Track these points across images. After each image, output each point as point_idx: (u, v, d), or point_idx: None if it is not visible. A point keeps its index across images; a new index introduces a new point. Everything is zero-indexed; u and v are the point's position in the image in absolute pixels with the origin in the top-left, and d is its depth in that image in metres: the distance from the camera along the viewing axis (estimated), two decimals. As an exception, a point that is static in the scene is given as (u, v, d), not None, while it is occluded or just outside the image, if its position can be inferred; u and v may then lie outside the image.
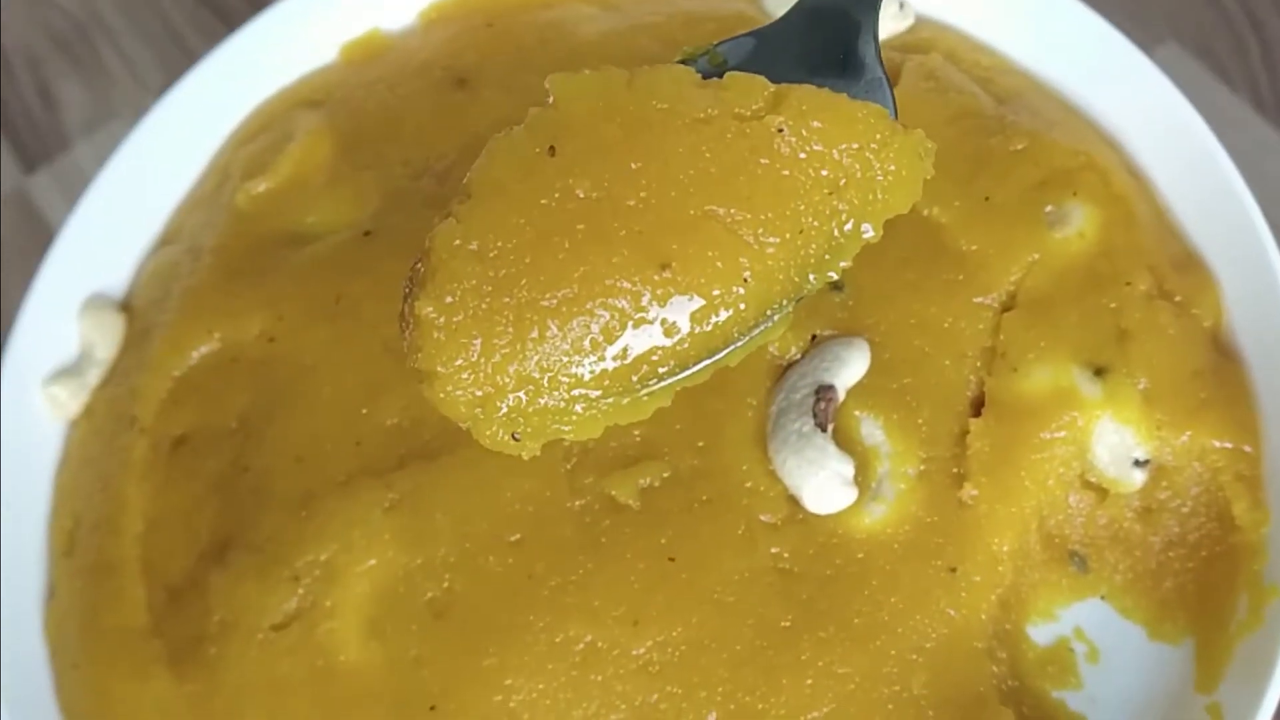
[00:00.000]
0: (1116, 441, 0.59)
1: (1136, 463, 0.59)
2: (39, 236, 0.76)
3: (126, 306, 0.69)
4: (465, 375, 0.45)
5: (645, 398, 0.47)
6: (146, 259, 0.71)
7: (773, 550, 0.58)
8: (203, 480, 0.62)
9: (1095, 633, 0.59)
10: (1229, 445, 0.59)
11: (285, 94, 0.74)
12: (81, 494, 0.65)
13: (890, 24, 0.70)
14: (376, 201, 0.67)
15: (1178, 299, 0.62)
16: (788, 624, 0.56)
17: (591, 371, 0.45)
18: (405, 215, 0.66)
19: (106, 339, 0.68)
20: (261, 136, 0.72)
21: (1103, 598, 0.60)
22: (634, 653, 0.56)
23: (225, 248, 0.68)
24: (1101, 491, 0.60)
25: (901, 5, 0.70)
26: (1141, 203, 0.64)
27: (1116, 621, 0.59)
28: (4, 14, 0.84)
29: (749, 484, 0.59)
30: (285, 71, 0.74)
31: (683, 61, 0.49)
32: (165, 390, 0.65)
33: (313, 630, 0.58)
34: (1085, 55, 0.67)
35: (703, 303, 0.46)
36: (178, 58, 0.84)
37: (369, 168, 0.69)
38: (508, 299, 0.45)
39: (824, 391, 0.59)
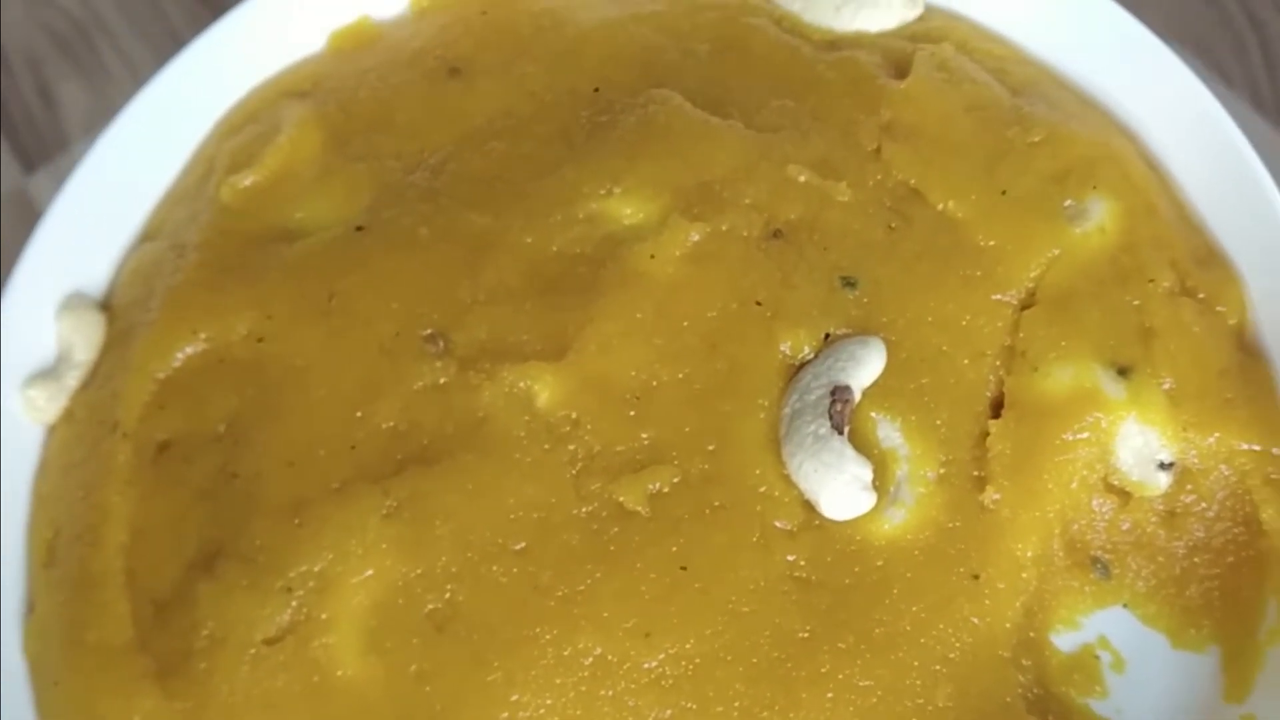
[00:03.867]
0: (1141, 444, 0.57)
1: (1161, 465, 0.57)
2: None
3: (107, 306, 0.67)
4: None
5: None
6: (127, 256, 0.68)
7: (789, 558, 0.56)
8: (189, 487, 0.60)
9: (1120, 641, 0.58)
10: (1257, 447, 0.57)
11: (272, 84, 0.71)
12: (62, 503, 0.62)
13: (900, 12, 0.68)
14: (369, 195, 0.65)
15: (1201, 295, 0.60)
16: (806, 635, 0.54)
17: None
18: (399, 210, 0.64)
19: (86, 340, 0.65)
20: (247, 128, 0.69)
21: (1125, 605, 0.58)
22: (646, 666, 0.54)
23: (210, 244, 0.65)
24: (1125, 495, 0.58)
25: (911, -7, 0.68)
26: (1162, 195, 0.63)
27: (1140, 630, 0.58)
28: (4, 14, 0.83)
29: (762, 489, 0.56)
30: (272, 61, 0.71)
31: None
32: (149, 393, 0.62)
33: (307, 644, 0.55)
34: (1101, 44, 0.65)
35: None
36: None
37: (360, 160, 0.66)
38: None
39: (840, 392, 0.57)
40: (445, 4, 0.72)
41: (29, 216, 0.64)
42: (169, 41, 0.83)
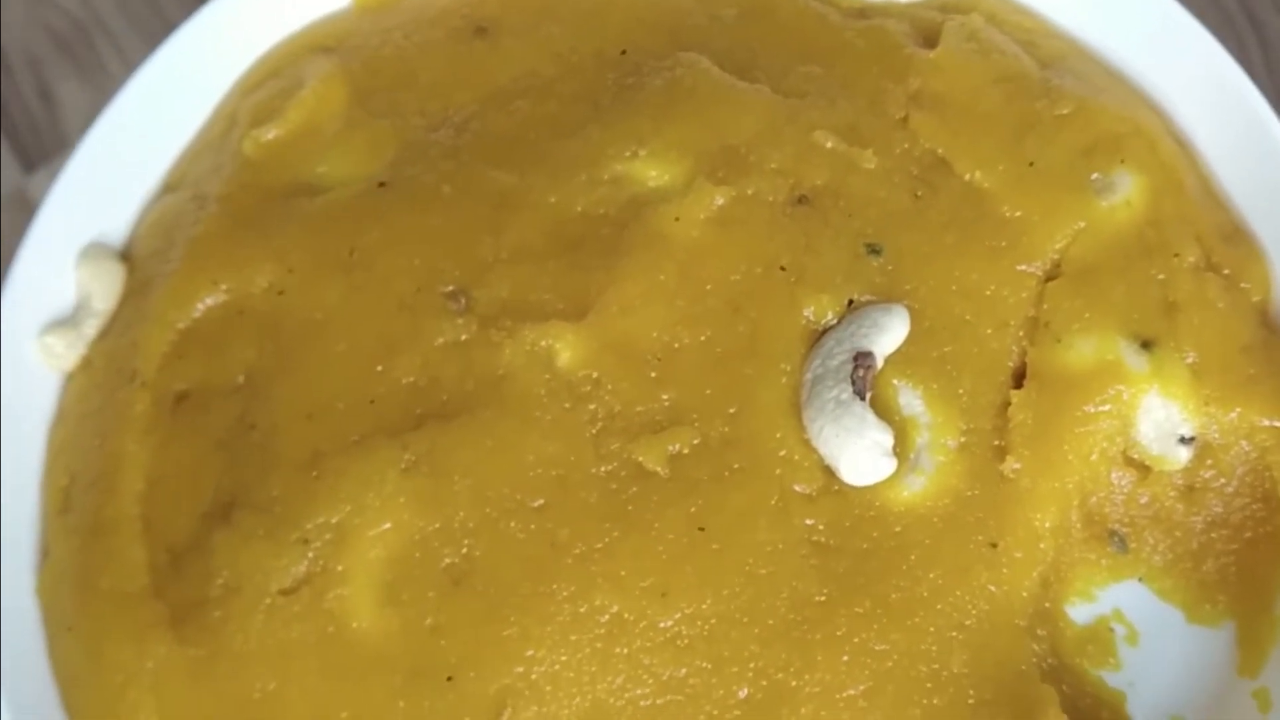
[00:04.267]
0: (1162, 417, 0.57)
1: (1182, 440, 0.57)
2: None
3: (127, 255, 0.66)
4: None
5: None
6: (149, 206, 0.68)
7: (807, 522, 0.55)
8: (207, 438, 0.60)
9: (1134, 615, 0.58)
10: (1278, 424, 0.57)
11: (295, 40, 0.70)
12: (78, 450, 0.62)
13: (929, -18, 0.68)
14: (392, 152, 0.65)
15: (1226, 272, 0.60)
16: (823, 598, 0.54)
17: None
18: (422, 167, 0.63)
19: (106, 288, 0.65)
20: (270, 83, 0.69)
21: (1140, 579, 0.58)
22: (661, 625, 0.54)
23: (232, 196, 0.65)
24: (1144, 469, 0.58)
25: (940, -37, 0.68)
26: (1189, 171, 0.62)
27: (1155, 604, 0.58)
28: (4, 14, 0.82)
29: (782, 453, 0.56)
30: (295, 17, 0.71)
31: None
32: (168, 343, 0.62)
33: (323, 595, 0.55)
34: (1130, 18, 0.65)
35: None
36: None
37: (384, 117, 0.66)
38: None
39: (862, 358, 0.56)
40: (472, -38, 0.71)
41: (29, 216, 0.64)
42: None
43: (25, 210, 0.65)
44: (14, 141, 0.81)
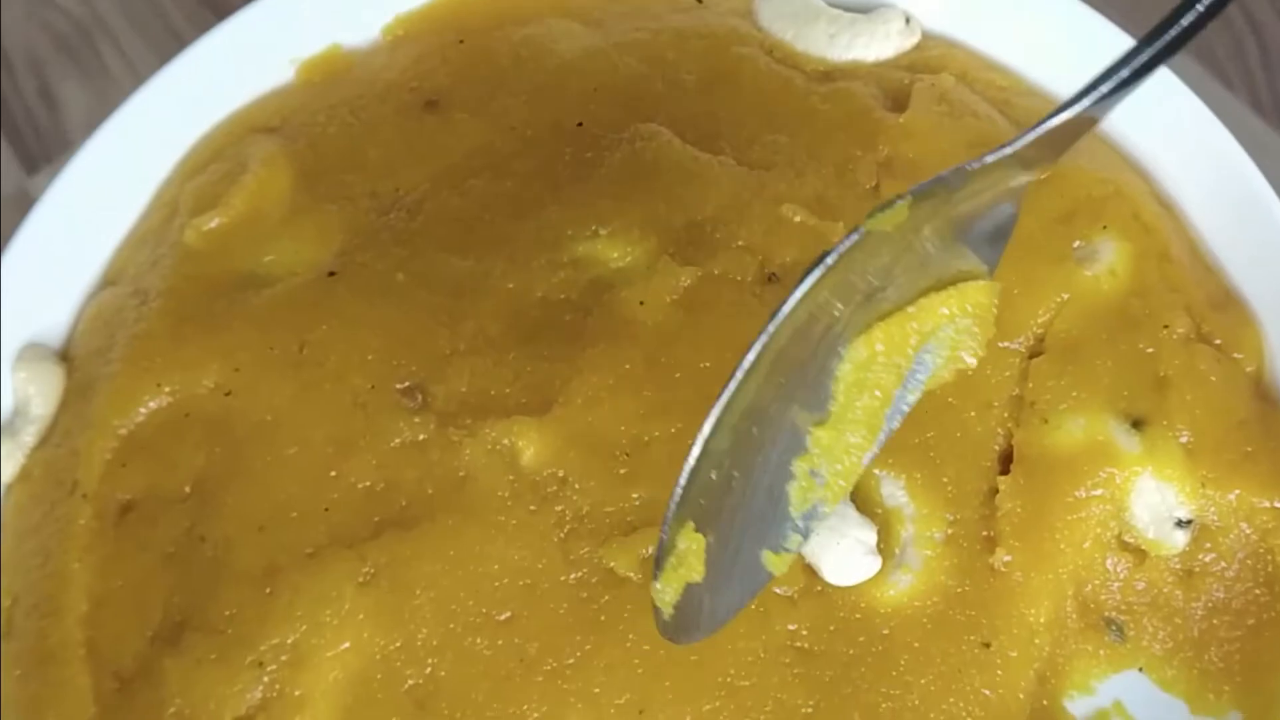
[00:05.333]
0: (1157, 500, 0.55)
1: (1179, 523, 0.55)
2: None
3: (66, 356, 0.63)
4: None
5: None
6: (87, 302, 0.64)
7: (790, 627, 0.53)
8: (154, 552, 0.56)
9: (1136, 707, 0.55)
10: (1279, 505, 0.55)
11: (237, 118, 0.67)
12: (19, 569, 0.59)
13: (896, 40, 0.65)
14: (341, 238, 0.62)
15: (1218, 341, 0.58)
16: (809, 710, 0.52)
17: None
18: (373, 254, 0.61)
19: (44, 393, 0.61)
20: (212, 166, 0.65)
21: (1141, 669, 0.55)
22: (640, 744, 0.51)
23: (175, 290, 0.62)
24: (1140, 554, 0.55)
25: (908, 21, 0.65)
26: (1176, 236, 0.60)
27: (1157, 695, 0.55)
28: (4, 14, 0.82)
29: (760, 552, 0.54)
30: (237, 93, 0.67)
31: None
32: (110, 450, 0.59)
33: (281, 723, 0.52)
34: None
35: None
36: None
37: (332, 200, 0.63)
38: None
39: (841, 450, 0.54)
40: (420, 32, 0.68)
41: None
42: (170, 41, 0.83)
43: (26, 210, 0.63)
44: (15, 142, 0.81)
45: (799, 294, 0.43)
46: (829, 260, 0.43)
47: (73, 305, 0.65)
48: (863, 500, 0.54)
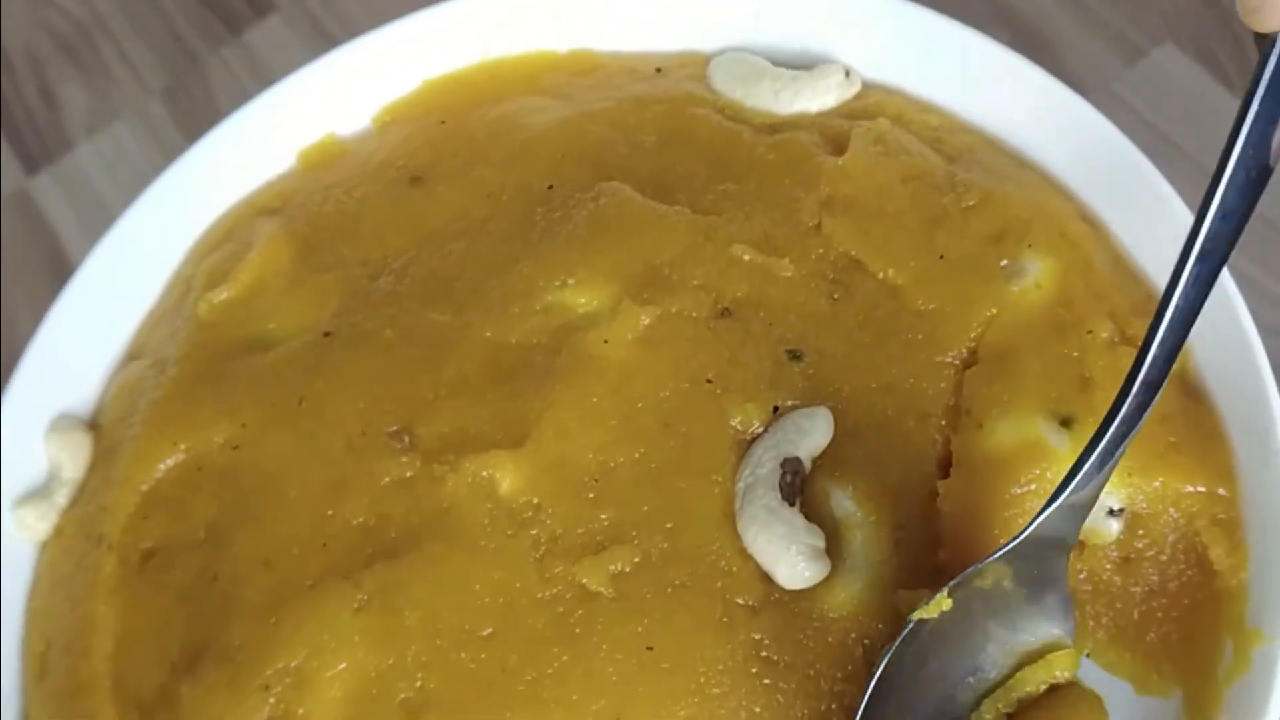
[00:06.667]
0: (1089, 492, 0.58)
1: (1111, 512, 0.58)
2: (40, 237, 0.76)
3: (94, 425, 0.69)
4: None
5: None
6: (113, 376, 0.71)
7: (754, 636, 0.56)
8: (172, 592, 0.62)
9: (1085, 690, 0.58)
10: (1202, 489, 0.58)
11: (245, 203, 0.74)
12: (53, 616, 0.64)
13: (836, 92, 0.70)
14: (336, 302, 0.67)
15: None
16: (777, 722, 0.55)
17: None
18: (364, 314, 0.66)
19: (74, 459, 0.67)
20: (223, 247, 0.72)
21: (1088, 654, 0.58)
22: (619, 749, 0.55)
23: (188, 358, 0.68)
24: (1079, 544, 0.58)
25: (848, 74, 0.70)
26: (1099, 250, 0.64)
27: (1104, 678, 0.58)
28: (5, 14, 0.85)
29: (722, 564, 0.57)
30: (244, 181, 0.74)
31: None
32: (133, 505, 0.64)
33: (286, 741, 0.57)
34: (1030, 108, 0.67)
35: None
36: (179, 59, 0.84)
37: (328, 270, 0.69)
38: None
39: (789, 464, 0.58)
40: (406, 117, 0.75)
41: (31, 217, 0.66)
42: (170, 43, 0.85)
43: (27, 210, 0.66)
44: (15, 142, 0.83)
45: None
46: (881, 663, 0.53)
47: (101, 380, 0.71)
48: (814, 511, 0.58)
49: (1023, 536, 0.53)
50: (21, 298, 0.66)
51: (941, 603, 0.52)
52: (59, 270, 0.79)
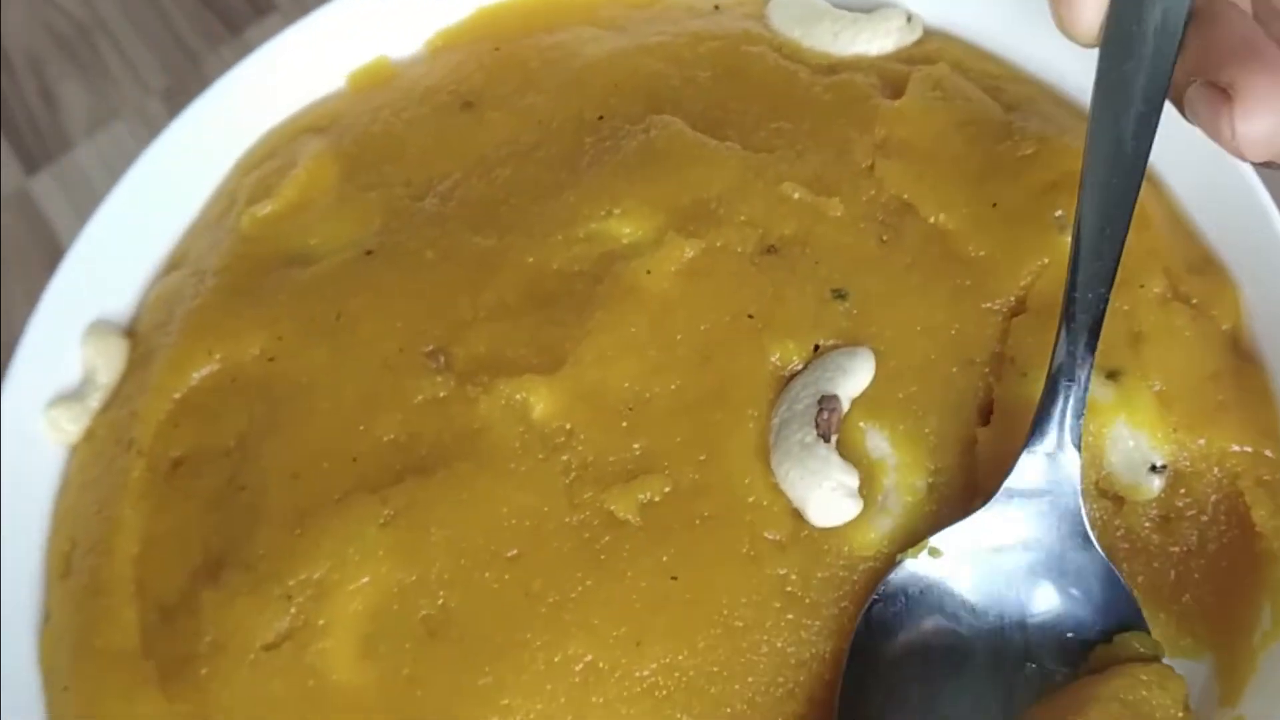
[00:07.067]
0: (1131, 447, 0.57)
1: (1153, 468, 0.57)
2: (40, 237, 0.76)
3: (131, 331, 0.69)
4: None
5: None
6: (153, 284, 0.71)
7: (780, 571, 0.55)
8: (198, 500, 0.62)
9: (1115, 650, 0.57)
10: (1249, 449, 0.56)
11: (292, 122, 0.74)
12: (79, 517, 0.64)
13: (897, 36, 0.69)
14: (379, 221, 0.67)
15: (1194, 301, 0.60)
16: (804, 657, 0.55)
17: None
18: (407, 234, 0.66)
19: (109, 363, 0.67)
20: (267, 163, 0.72)
21: (1120, 615, 0.57)
22: (638, 674, 0.54)
23: (228, 269, 0.68)
24: (1118, 500, 0.57)
25: (910, 19, 0.69)
26: (1156, 205, 0.63)
27: (1135, 638, 0.57)
28: (5, 14, 0.85)
29: (751, 498, 0.57)
30: (292, 100, 0.74)
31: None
32: (164, 412, 0.64)
33: (305, 649, 0.56)
34: (1092, 59, 0.66)
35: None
36: (179, 59, 0.84)
37: (372, 189, 0.68)
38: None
39: (827, 401, 0.57)
40: (459, 42, 0.74)
41: (31, 216, 0.66)
42: (171, 43, 0.85)
43: (27, 210, 0.66)
44: (15, 142, 0.82)
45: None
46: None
47: (139, 287, 0.71)
48: (849, 450, 0.57)
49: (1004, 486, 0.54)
50: (21, 297, 0.66)
51: (922, 548, 0.54)
52: (58, 270, 0.81)
